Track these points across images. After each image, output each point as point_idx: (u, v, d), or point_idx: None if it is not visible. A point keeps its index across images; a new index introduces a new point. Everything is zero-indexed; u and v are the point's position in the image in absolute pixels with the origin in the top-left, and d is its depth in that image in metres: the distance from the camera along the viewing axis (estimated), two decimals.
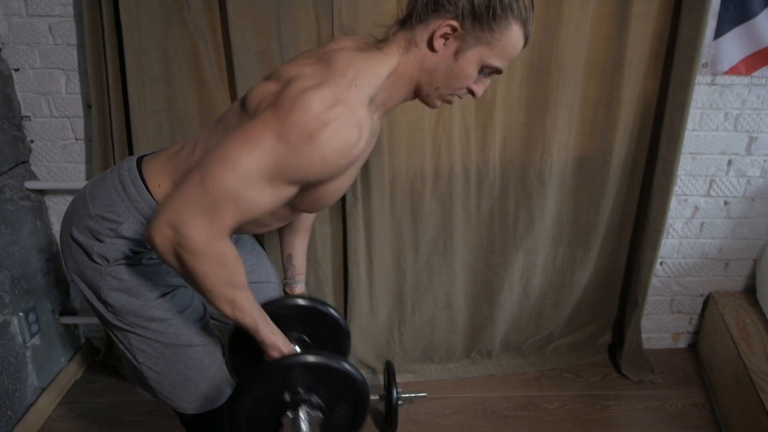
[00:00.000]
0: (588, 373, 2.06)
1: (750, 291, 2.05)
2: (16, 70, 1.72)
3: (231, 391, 1.16)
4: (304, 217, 1.34)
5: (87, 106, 1.76)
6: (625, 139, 1.75)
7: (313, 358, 0.99)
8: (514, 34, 0.95)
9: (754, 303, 1.98)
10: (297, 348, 1.15)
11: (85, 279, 1.08)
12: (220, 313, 0.96)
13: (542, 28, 1.58)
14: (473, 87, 1.01)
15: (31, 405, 1.83)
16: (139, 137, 1.65)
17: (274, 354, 1.02)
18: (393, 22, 1.00)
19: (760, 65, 1.69)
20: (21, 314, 1.79)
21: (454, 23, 0.92)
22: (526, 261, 1.90)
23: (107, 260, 1.05)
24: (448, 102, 1.04)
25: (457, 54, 0.95)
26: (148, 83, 1.60)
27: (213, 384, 1.15)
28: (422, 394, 1.88)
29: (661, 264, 2.02)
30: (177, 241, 0.87)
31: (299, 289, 1.38)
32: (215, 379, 1.15)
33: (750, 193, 1.90)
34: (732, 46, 1.67)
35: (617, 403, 1.93)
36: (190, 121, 1.66)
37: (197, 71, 1.60)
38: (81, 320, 2.04)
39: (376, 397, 1.84)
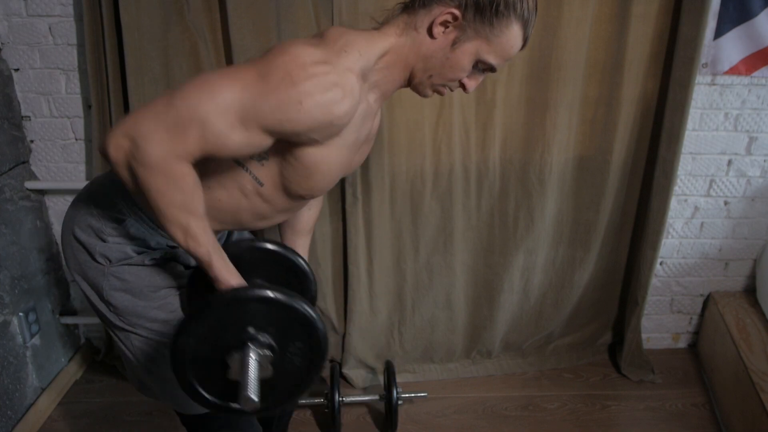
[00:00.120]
0: (588, 373, 2.06)
1: (750, 291, 2.05)
2: (16, 70, 1.72)
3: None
4: (306, 217, 1.34)
5: (87, 106, 1.76)
6: (625, 139, 1.75)
7: (257, 292, 0.91)
8: (514, 33, 0.95)
9: (754, 303, 1.98)
10: None
11: (87, 279, 1.08)
12: (174, 241, 0.90)
13: (542, 28, 1.58)
14: (465, 81, 1.02)
15: (31, 405, 1.83)
16: None
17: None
18: (395, 5, 1.01)
19: (760, 65, 1.69)
20: (21, 314, 1.79)
21: (456, 12, 0.93)
22: (526, 261, 1.90)
23: (110, 260, 1.05)
24: (439, 93, 1.04)
25: (454, 44, 0.96)
26: (148, 83, 1.60)
27: None
28: (422, 394, 1.88)
29: (661, 264, 2.02)
30: (132, 154, 0.82)
31: None
32: None
33: (750, 193, 1.90)
34: (732, 46, 1.67)
35: (617, 403, 1.93)
36: None
37: (197, 71, 1.60)
38: (81, 320, 2.04)
39: (376, 397, 1.84)
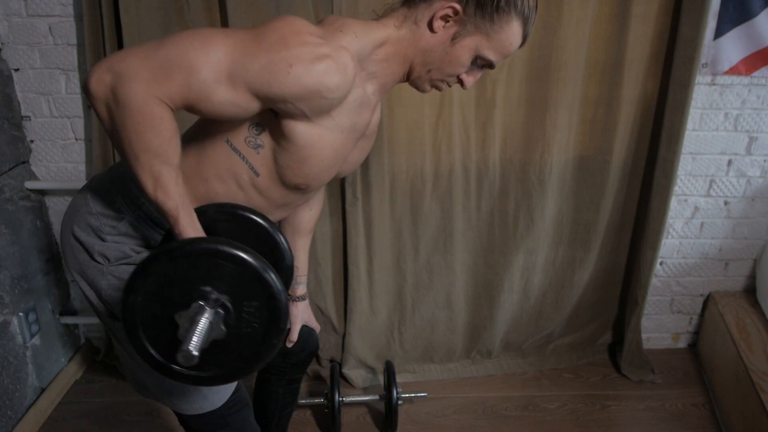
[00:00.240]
0: (588, 373, 2.06)
1: (750, 291, 2.05)
2: (16, 70, 1.72)
3: (231, 392, 1.16)
4: (307, 217, 1.34)
5: (87, 106, 1.76)
6: (625, 139, 1.75)
7: (204, 245, 0.86)
8: (514, 30, 0.96)
9: (754, 303, 1.98)
10: None
11: (86, 278, 1.08)
12: (144, 191, 0.86)
13: (542, 27, 1.58)
14: (464, 77, 1.02)
15: (31, 405, 1.82)
16: None
17: None
18: None
19: (760, 65, 1.69)
20: (21, 314, 1.79)
21: (457, 6, 0.93)
22: (526, 261, 1.90)
23: (108, 259, 1.05)
24: (437, 88, 1.04)
25: (454, 39, 0.96)
26: None
27: None
28: (422, 394, 1.88)
29: (661, 264, 2.02)
30: (114, 89, 0.81)
31: (301, 290, 1.37)
32: None
33: (750, 193, 1.90)
34: (732, 46, 1.67)
35: (617, 403, 1.93)
36: (190, 122, 1.65)
37: None
38: (81, 320, 2.04)
39: (376, 397, 1.84)
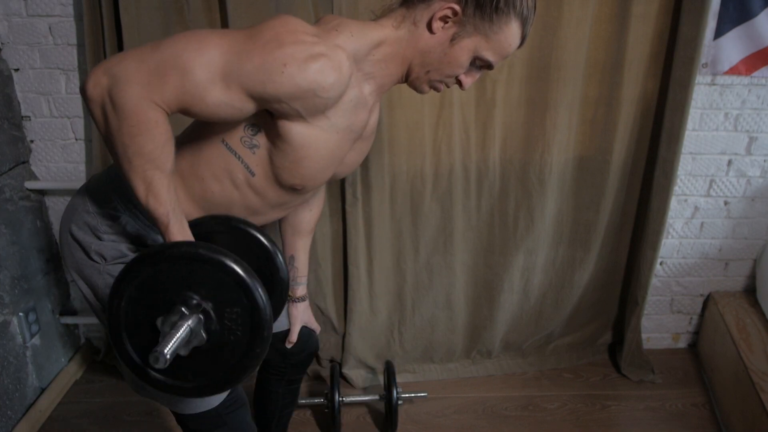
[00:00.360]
0: (588, 373, 2.06)
1: (750, 291, 2.05)
2: (16, 70, 1.72)
3: (227, 391, 1.15)
4: (307, 217, 1.34)
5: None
6: (625, 139, 1.75)
7: (183, 249, 0.85)
8: (513, 30, 0.96)
9: (754, 303, 1.98)
10: None
11: (83, 277, 1.08)
12: (136, 197, 0.86)
13: (542, 28, 1.58)
14: (462, 78, 1.02)
15: (31, 405, 1.83)
16: None
17: None
18: None
19: (760, 65, 1.69)
20: (21, 314, 1.78)
21: (456, 7, 0.93)
22: (526, 261, 1.90)
23: (105, 258, 1.05)
24: (435, 89, 1.04)
25: (453, 40, 0.96)
26: None
27: None
28: (422, 394, 1.87)
29: (661, 264, 2.02)
30: (110, 92, 0.81)
31: (301, 290, 1.37)
32: None
33: (750, 193, 1.90)
34: (732, 46, 1.67)
35: (617, 403, 1.93)
36: (185, 122, 1.65)
37: None
38: (81, 320, 2.04)
39: (376, 397, 1.84)
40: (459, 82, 1.03)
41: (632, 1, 1.57)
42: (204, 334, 0.86)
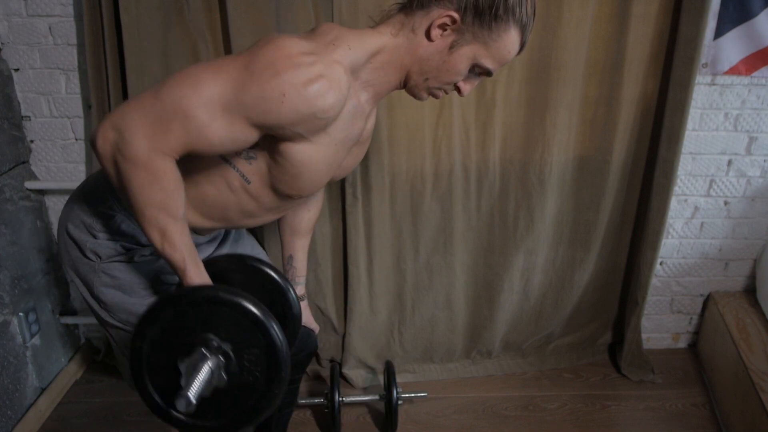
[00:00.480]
0: (588, 373, 2.06)
1: (750, 291, 2.05)
2: (16, 70, 1.72)
3: None
4: (306, 217, 1.34)
5: (87, 106, 1.76)
6: (625, 139, 1.74)
7: (204, 292, 0.88)
8: (512, 38, 0.95)
9: (754, 303, 1.98)
10: None
11: (79, 275, 1.09)
12: (151, 243, 0.90)
13: (542, 28, 1.58)
14: (461, 85, 1.02)
15: (31, 405, 1.82)
16: None
17: None
18: (393, 4, 1.00)
19: (760, 65, 1.69)
20: (21, 314, 1.79)
21: (455, 15, 0.92)
22: (526, 261, 1.90)
23: (100, 257, 1.06)
24: (434, 96, 1.04)
25: (452, 47, 0.95)
26: (148, 83, 1.60)
27: None
28: (422, 394, 1.88)
29: (661, 264, 2.02)
30: (118, 146, 0.84)
31: (299, 290, 1.38)
32: None
33: (750, 193, 1.90)
34: (732, 46, 1.67)
35: (617, 403, 1.93)
36: None
37: None
38: (81, 320, 2.04)
39: (376, 397, 1.84)
40: (458, 89, 1.02)
41: (632, 1, 1.57)
42: (224, 375, 0.88)
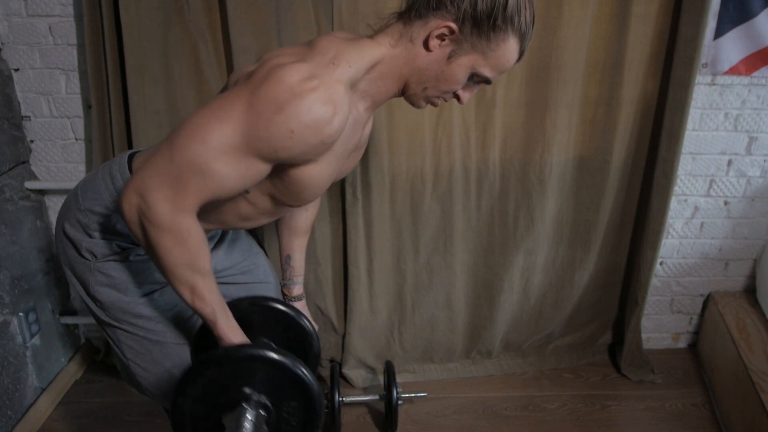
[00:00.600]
0: (588, 373, 2.06)
1: (750, 291, 2.05)
2: (16, 70, 1.72)
3: None
4: (303, 217, 1.34)
5: (87, 106, 1.76)
6: (625, 139, 1.74)
7: (247, 351, 0.93)
8: (510, 47, 0.94)
9: (754, 303, 1.98)
10: None
11: (75, 274, 1.10)
12: (182, 299, 0.93)
13: (542, 28, 1.58)
14: (460, 93, 1.01)
15: (31, 405, 1.83)
16: (139, 137, 1.65)
17: None
18: (391, 14, 1.00)
19: (760, 65, 1.69)
20: (21, 314, 1.79)
21: (453, 25, 0.92)
22: (526, 261, 1.90)
23: (95, 256, 1.06)
24: (432, 104, 1.04)
25: (450, 57, 0.95)
26: (148, 83, 1.60)
27: None
28: (422, 394, 1.87)
29: (661, 264, 2.02)
30: (142, 211, 0.86)
31: (297, 290, 1.38)
32: None
33: (750, 193, 1.90)
34: (732, 46, 1.67)
35: (617, 403, 1.93)
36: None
37: (197, 71, 1.60)
38: (81, 320, 2.04)
39: (376, 397, 1.84)
40: (457, 97, 1.02)
41: (632, 1, 1.57)
42: (265, 428, 0.93)
